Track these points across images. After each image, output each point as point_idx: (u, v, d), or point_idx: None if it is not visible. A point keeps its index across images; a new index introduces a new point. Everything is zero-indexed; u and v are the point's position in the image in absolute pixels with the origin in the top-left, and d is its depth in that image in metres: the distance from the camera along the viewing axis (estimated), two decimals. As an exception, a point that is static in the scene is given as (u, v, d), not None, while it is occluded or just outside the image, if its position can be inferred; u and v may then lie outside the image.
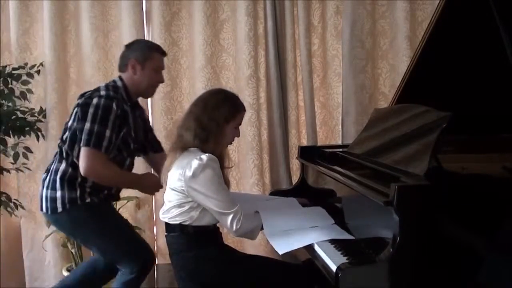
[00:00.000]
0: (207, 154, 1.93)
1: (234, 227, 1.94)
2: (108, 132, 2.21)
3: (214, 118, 1.98)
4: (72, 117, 2.31)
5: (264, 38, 3.16)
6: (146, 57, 2.35)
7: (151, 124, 2.73)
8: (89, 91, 2.34)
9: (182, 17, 3.17)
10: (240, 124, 2.08)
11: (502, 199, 1.67)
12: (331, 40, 3.25)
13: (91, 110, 2.21)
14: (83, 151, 2.20)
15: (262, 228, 2.03)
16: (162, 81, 2.46)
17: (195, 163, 1.91)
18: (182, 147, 2.00)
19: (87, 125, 2.20)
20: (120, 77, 2.38)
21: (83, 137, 2.20)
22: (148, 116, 2.77)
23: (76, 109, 2.30)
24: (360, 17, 3.14)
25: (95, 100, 2.22)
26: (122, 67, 2.39)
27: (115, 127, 2.24)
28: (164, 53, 2.45)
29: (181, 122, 2.07)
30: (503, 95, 2.13)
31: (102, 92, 2.27)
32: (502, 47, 1.89)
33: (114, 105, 2.23)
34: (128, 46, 2.42)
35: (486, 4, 1.98)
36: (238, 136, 2.13)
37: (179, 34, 3.17)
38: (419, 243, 1.60)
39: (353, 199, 2.05)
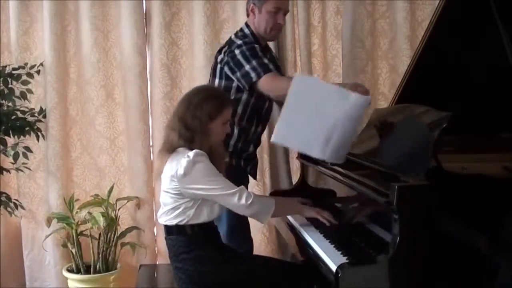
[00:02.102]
0: (193, 150, 1.93)
1: (244, 202, 1.92)
2: (265, 60, 2.35)
3: (197, 117, 1.97)
4: (218, 75, 2.42)
5: (264, 38, 3.16)
6: (262, 0, 2.41)
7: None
8: (223, 47, 2.45)
9: (182, 17, 3.17)
10: (228, 119, 2.06)
11: (502, 199, 1.67)
12: (331, 40, 3.24)
13: (239, 56, 2.33)
14: (260, 85, 2.30)
15: (274, 214, 2.02)
16: (282, 23, 2.48)
17: (183, 162, 1.91)
18: (168, 148, 2.00)
19: (247, 67, 2.31)
20: (246, 23, 2.49)
21: (251, 75, 2.30)
22: (276, 55, 2.88)
23: (220, 66, 2.40)
24: (360, 17, 3.13)
25: (237, 50, 2.35)
26: (247, 12, 2.50)
27: (266, 57, 2.37)
28: None
29: (168, 121, 2.07)
30: (503, 95, 2.13)
31: (239, 41, 2.38)
32: (502, 47, 1.89)
33: (254, 45, 2.37)
34: None
35: (486, 4, 1.98)
36: (228, 132, 2.12)
37: (179, 34, 3.17)
38: (419, 243, 1.61)
39: (353, 199, 2.05)
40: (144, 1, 3.15)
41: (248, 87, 2.35)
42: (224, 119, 2.03)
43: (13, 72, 2.94)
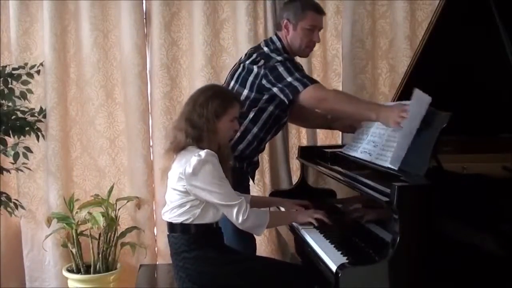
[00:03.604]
0: (205, 150, 1.93)
1: (240, 219, 1.94)
2: (306, 72, 2.33)
3: (204, 116, 1.97)
4: (248, 87, 2.31)
5: (264, 38, 3.15)
6: (298, 17, 2.37)
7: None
8: (256, 58, 2.34)
9: (182, 17, 3.17)
10: (236, 116, 2.07)
11: (502, 199, 1.67)
12: (331, 40, 3.24)
13: (281, 69, 2.26)
14: (305, 94, 2.22)
15: (268, 226, 2.03)
16: (317, 41, 2.46)
17: (194, 160, 1.91)
18: (175, 147, 2.01)
19: (289, 78, 2.24)
20: (277, 35, 2.44)
21: (296, 84, 2.23)
22: None
23: (253, 79, 2.31)
24: (360, 17, 3.13)
25: (278, 64, 2.27)
26: (278, 26, 2.45)
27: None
28: (320, 11, 2.42)
29: (175, 122, 2.07)
30: (503, 95, 2.13)
31: (279, 58, 2.29)
32: (502, 47, 1.89)
33: (295, 61, 2.35)
34: (285, 4, 2.45)
35: (486, 4, 1.98)
36: (237, 128, 2.12)
37: (179, 34, 3.17)
38: (419, 243, 1.60)
39: (353, 199, 2.05)
40: (144, 1, 3.15)
41: (292, 97, 2.26)
42: (231, 116, 2.04)
43: (13, 72, 2.95)
